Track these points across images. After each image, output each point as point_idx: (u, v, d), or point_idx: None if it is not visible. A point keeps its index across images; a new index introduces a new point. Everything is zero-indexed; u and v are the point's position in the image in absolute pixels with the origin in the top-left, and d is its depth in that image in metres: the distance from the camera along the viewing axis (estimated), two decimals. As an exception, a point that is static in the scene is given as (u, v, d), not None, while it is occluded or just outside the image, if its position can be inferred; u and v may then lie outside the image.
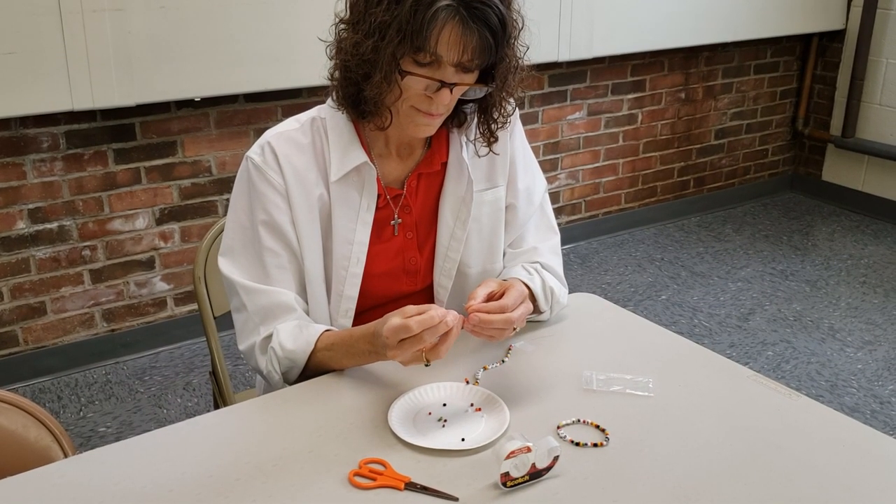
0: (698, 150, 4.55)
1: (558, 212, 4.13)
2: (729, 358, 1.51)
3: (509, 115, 1.47)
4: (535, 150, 3.94)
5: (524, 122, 3.82)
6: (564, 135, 4.02)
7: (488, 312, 1.32)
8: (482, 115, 1.45)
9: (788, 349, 3.22)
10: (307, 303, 1.47)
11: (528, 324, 1.57)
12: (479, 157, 1.51)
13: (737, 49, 4.42)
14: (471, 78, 1.34)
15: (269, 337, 1.42)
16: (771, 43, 4.53)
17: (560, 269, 1.61)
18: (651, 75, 4.19)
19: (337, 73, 1.39)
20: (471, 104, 1.45)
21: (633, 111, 4.20)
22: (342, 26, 1.36)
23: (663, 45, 4.00)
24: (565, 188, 4.12)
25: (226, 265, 1.46)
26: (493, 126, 1.45)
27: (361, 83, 1.34)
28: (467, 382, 1.37)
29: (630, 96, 4.16)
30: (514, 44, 1.36)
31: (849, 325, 3.40)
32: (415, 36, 1.25)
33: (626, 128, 4.22)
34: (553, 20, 3.56)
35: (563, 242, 4.29)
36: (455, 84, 1.32)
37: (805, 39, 4.63)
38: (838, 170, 4.71)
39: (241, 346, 1.47)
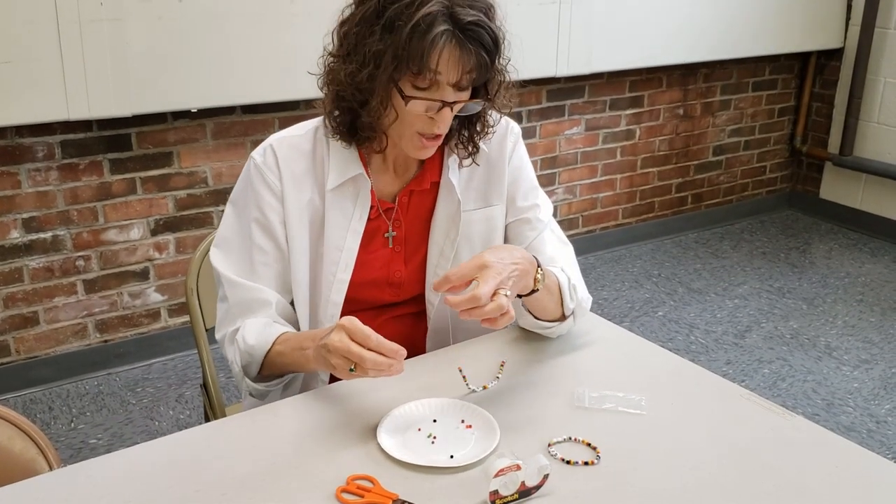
0: (696, 167, 4.54)
1: (555, 227, 4.12)
2: (725, 375, 1.51)
3: (492, 126, 1.51)
4: (533, 165, 3.93)
5: (522, 137, 3.84)
6: (562, 150, 4.01)
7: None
8: (466, 126, 1.49)
9: (785, 367, 3.21)
10: (293, 302, 1.50)
11: (521, 341, 1.57)
12: (462, 167, 1.54)
13: (735, 66, 4.43)
14: (465, 95, 1.39)
15: (238, 329, 1.46)
16: (769, 60, 4.54)
17: (580, 277, 1.58)
18: (649, 91, 4.19)
19: (329, 104, 1.43)
20: (455, 119, 1.46)
21: (631, 127, 4.20)
22: (331, 59, 1.41)
23: (661, 61, 4.01)
24: (563, 203, 4.11)
25: (216, 256, 1.51)
26: (476, 137, 1.50)
27: (359, 110, 1.39)
28: (473, 391, 1.38)
29: (628, 112, 4.16)
30: (501, 58, 1.40)
31: (845, 344, 3.39)
32: (411, 61, 1.30)
33: (624, 143, 4.22)
34: (551, 35, 3.56)
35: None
36: (455, 102, 1.36)
37: (803, 57, 4.63)
38: (836, 188, 4.71)
39: (218, 335, 1.52)
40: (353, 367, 1.21)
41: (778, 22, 4.24)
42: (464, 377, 1.40)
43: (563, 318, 1.52)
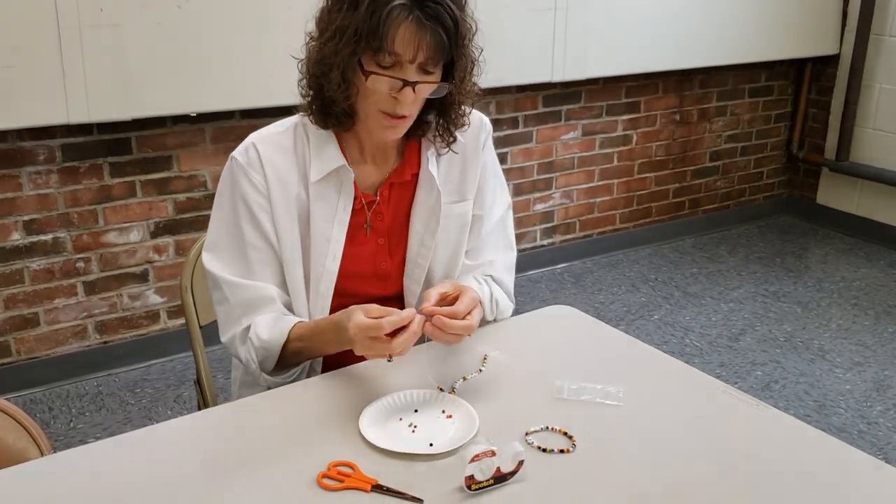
0: (693, 172, 4.57)
1: (552, 231, 4.16)
2: (718, 377, 1.53)
3: (467, 115, 1.54)
4: (529, 169, 3.98)
5: (518, 142, 3.89)
6: (559, 154, 4.05)
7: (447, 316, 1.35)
8: (442, 115, 1.52)
9: (778, 369, 3.23)
10: (289, 295, 1.53)
11: (504, 335, 1.60)
12: (440, 155, 1.57)
13: (731, 72, 4.46)
14: (432, 79, 1.41)
15: (249, 328, 1.49)
16: (765, 67, 4.57)
17: (511, 286, 1.68)
18: (645, 97, 4.22)
19: (305, 84, 1.48)
20: (432, 111, 1.51)
21: (627, 132, 4.23)
22: (312, 43, 1.45)
23: (657, 67, 4.04)
24: (560, 207, 4.15)
25: (210, 260, 1.53)
26: (451, 126, 1.52)
27: (324, 85, 1.42)
28: (441, 390, 1.39)
29: (624, 117, 4.20)
30: (468, 45, 1.43)
31: (839, 347, 3.41)
32: (371, 36, 1.34)
33: (621, 148, 4.25)
34: (547, 41, 3.60)
35: (557, 262, 4.30)
36: (417, 82, 1.39)
37: (799, 64, 4.66)
38: (833, 193, 4.73)
39: (224, 338, 1.54)
40: (389, 356, 1.31)
41: (774, 28, 4.27)
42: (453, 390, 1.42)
43: None
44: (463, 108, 1.51)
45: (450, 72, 1.44)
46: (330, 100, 1.43)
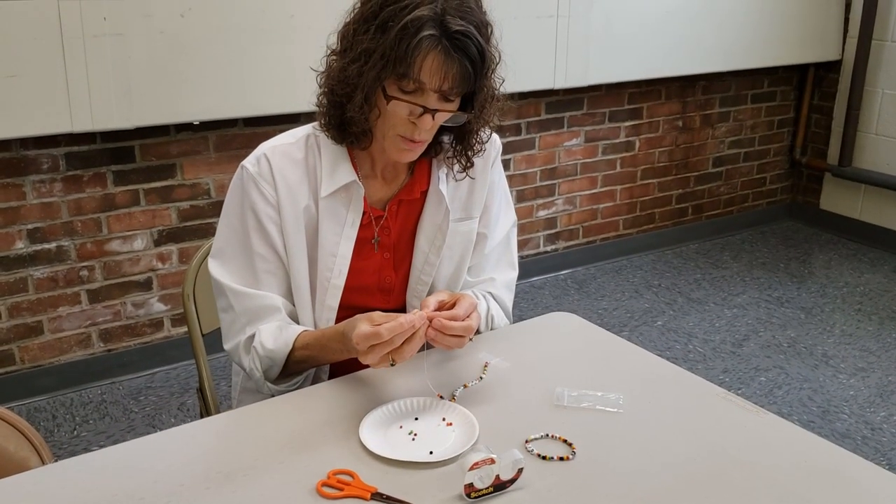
0: (696, 178, 4.58)
1: (555, 237, 4.16)
2: (721, 384, 1.53)
3: (484, 143, 1.55)
4: (532, 176, 3.99)
5: (521, 148, 3.90)
6: (561, 161, 4.05)
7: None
8: (459, 141, 1.52)
9: (781, 375, 3.23)
10: (294, 305, 1.54)
11: (504, 343, 1.60)
12: (457, 181, 1.58)
13: (734, 78, 4.47)
14: (452, 106, 1.42)
15: (253, 336, 1.49)
16: (768, 73, 4.57)
17: (509, 305, 1.69)
18: (648, 103, 4.23)
19: (323, 99, 1.47)
20: (449, 134, 1.52)
21: (630, 138, 4.24)
22: (332, 57, 1.46)
23: (660, 73, 4.04)
24: (563, 214, 4.15)
25: (216, 267, 1.53)
26: (469, 152, 1.53)
27: (345, 105, 1.42)
28: (441, 398, 1.39)
29: (627, 124, 4.20)
30: (491, 76, 1.43)
31: (842, 352, 3.40)
32: (398, 62, 1.34)
33: (624, 155, 4.25)
34: (549, 48, 3.61)
35: (561, 268, 4.30)
36: (437, 110, 1.39)
37: (802, 70, 4.67)
38: (836, 198, 4.73)
39: (227, 346, 1.55)
40: (393, 361, 1.31)
41: (776, 34, 4.28)
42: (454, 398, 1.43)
43: None
44: (480, 135, 1.52)
45: (470, 101, 1.44)
46: (350, 119, 1.43)
